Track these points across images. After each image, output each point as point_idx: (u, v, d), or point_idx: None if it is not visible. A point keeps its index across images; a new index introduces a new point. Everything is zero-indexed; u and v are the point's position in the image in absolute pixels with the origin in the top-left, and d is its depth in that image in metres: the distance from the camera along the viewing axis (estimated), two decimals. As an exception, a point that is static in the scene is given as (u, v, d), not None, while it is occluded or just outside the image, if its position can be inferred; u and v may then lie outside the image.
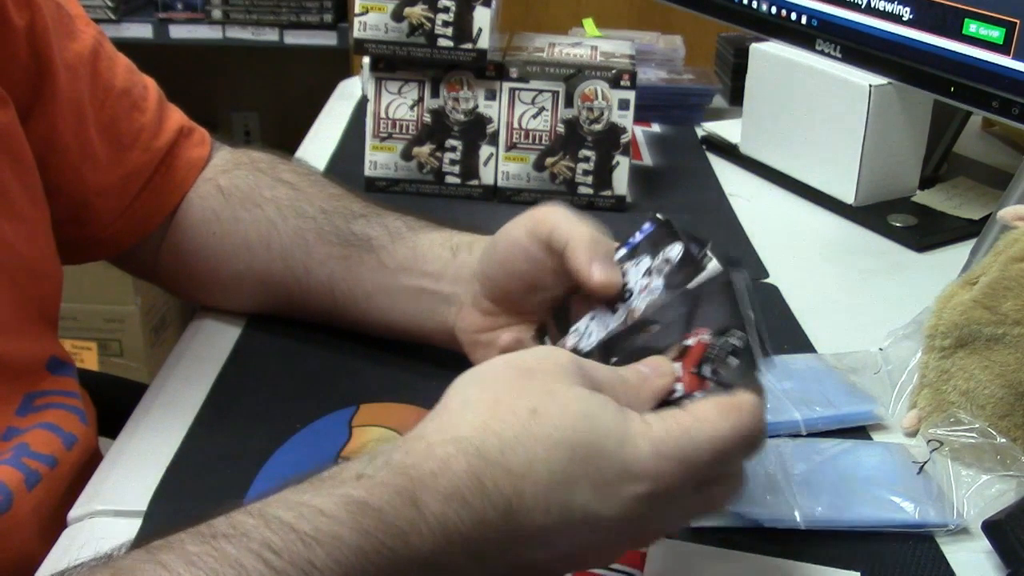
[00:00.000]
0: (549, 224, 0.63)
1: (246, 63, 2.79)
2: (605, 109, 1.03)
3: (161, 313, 2.33)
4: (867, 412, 0.73)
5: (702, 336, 0.53)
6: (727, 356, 0.52)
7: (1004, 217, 0.80)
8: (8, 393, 0.69)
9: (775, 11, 1.16)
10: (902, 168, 1.11)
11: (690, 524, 0.60)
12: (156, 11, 2.37)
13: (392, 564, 0.44)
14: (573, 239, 0.61)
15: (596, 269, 0.59)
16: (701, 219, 1.06)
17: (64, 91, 0.71)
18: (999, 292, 0.70)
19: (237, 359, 0.77)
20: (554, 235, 0.62)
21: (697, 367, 0.52)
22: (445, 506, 0.45)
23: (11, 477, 0.65)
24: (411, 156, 1.07)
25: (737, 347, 0.52)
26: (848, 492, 0.64)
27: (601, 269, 0.59)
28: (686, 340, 0.54)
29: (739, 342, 0.52)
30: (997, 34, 0.91)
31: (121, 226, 0.79)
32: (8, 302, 0.67)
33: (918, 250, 1.02)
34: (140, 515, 0.61)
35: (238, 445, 0.67)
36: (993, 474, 0.65)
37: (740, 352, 0.52)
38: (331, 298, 0.77)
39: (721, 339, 0.52)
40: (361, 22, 1.02)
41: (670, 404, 0.52)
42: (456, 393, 0.49)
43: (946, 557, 0.60)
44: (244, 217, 0.79)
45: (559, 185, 1.06)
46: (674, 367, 0.53)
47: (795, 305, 0.88)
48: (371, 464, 0.46)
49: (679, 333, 0.55)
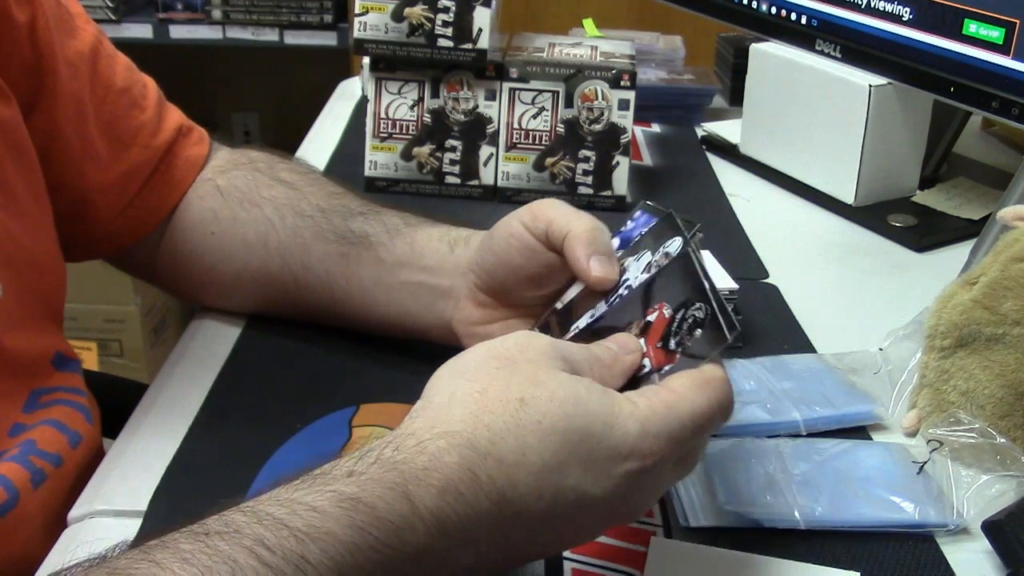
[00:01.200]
0: (547, 217, 0.63)
1: (246, 63, 2.79)
2: (605, 109, 1.03)
3: (161, 313, 2.33)
4: (867, 412, 0.73)
5: (663, 310, 0.54)
6: (692, 328, 0.53)
7: (1004, 217, 0.80)
8: (14, 389, 0.69)
9: (775, 11, 1.16)
10: (902, 168, 1.11)
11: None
12: (156, 11, 2.37)
13: (387, 559, 0.44)
14: (572, 232, 0.61)
15: (594, 263, 0.59)
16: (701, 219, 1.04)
17: (65, 88, 0.72)
18: (999, 292, 0.70)
19: (237, 359, 0.77)
20: (552, 228, 0.62)
21: (663, 341, 0.54)
22: (439, 500, 0.45)
23: (18, 475, 0.65)
24: (411, 156, 1.07)
25: (699, 318, 0.53)
26: (848, 492, 0.64)
27: (599, 262, 0.59)
28: (647, 316, 0.55)
29: (700, 313, 0.53)
30: (997, 34, 0.91)
31: (120, 224, 0.79)
32: (13, 297, 0.67)
33: (918, 250, 1.02)
34: (140, 515, 0.61)
35: (238, 445, 0.67)
36: (993, 474, 0.65)
37: (703, 323, 0.53)
38: (330, 296, 0.77)
39: (683, 311, 0.53)
40: (361, 22, 1.02)
41: (640, 380, 0.53)
42: (440, 386, 0.50)
43: (946, 557, 0.60)
44: (242, 216, 0.79)
45: (559, 185, 1.06)
46: (639, 343, 0.54)
47: (795, 305, 0.88)
48: (361, 461, 0.46)
49: (639, 309, 0.56)
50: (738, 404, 0.71)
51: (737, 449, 0.67)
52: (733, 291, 0.80)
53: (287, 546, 0.42)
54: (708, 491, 0.64)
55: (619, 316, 0.57)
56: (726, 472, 0.65)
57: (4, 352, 0.67)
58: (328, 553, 0.43)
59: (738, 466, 0.66)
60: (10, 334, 0.67)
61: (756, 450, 0.67)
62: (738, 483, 0.64)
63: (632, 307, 0.56)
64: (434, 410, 0.49)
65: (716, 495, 0.63)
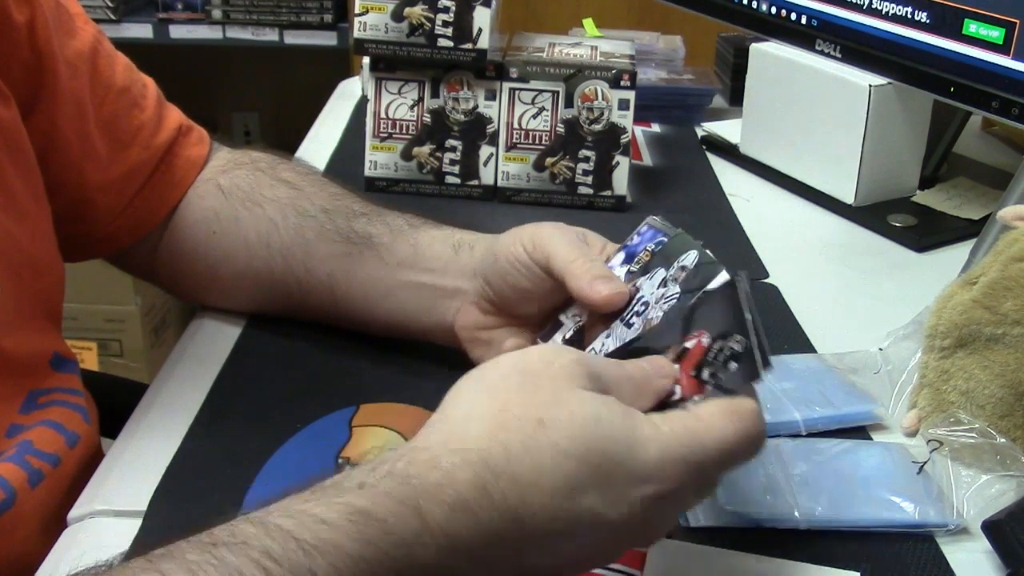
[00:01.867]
0: (545, 252, 0.64)
1: (246, 63, 2.79)
2: (605, 109, 1.03)
3: (161, 313, 2.33)
4: (867, 412, 0.73)
5: (701, 339, 0.53)
6: (727, 360, 0.51)
7: (1004, 217, 0.80)
8: (12, 390, 0.69)
9: (775, 11, 1.16)
10: (902, 168, 1.11)
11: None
12: (156, 11, 2.37)
13: (395, 573, 0.44)
14: (569, 272, 0.62)
15: (599, 285, 0.60)
16: (701, 219, 1.06)
17: (65, 88, 0.72)
18: (999, 292, 0.70)
19: (237, 359, 0.77)
20: (552, 264, 0.63)
21: (696, 370, 0.52)
22: (450, 517, 0.44)
23: (14, 475, 0.65)
24: (411, 156, 1.07)
25: (737, 351, 0.51)
26: (848, 492, 0.64)
27: (604, 284, 0.60)
28: (685, 343, 0.53)
29: (739, 347, 0.51)
30: (997, 34, 0.91)
31: (121, 224, 0.79)
32: (11, 298, 0.67)
33: (918, 250, 1.02)
34: (140, 515, 0.61)
35: (238, 445, 0.67)
36: (993, 474, 0.65)
37: (740, 357, 0.51)
38: (331, 296, 0.77)
39: (721, 343, 0.52)
40: (361, 22, 1.02)
41: (668, 406, 0.51)
42: (460, 399, 0.49)
43: (946, 557, 0.60)
44: (244, 216, 0.79)
45: (559, 185, 1.06)
46: (673, 368, 0.53)
47: (795, 305, 0.88)
48: (373, 473, 0.45)
49: (678, 334, 0.54)
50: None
51: (737, 449, 0.67)
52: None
53: (294, 559, 0.42)
54: (708, 491, 0.64)
55: (658, 339, 0.56)
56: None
57: (2, 353, 0.67)
58: (336, 566, 0.42)
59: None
60: (8, 335, 0.67)
61: (756, 450, 0.67)
62: (738, 483, 0.64)
63: (671, 331, 0.55)
64: (450, 424, 0.48)
65: (716, 495, 0.63)
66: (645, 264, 0.61)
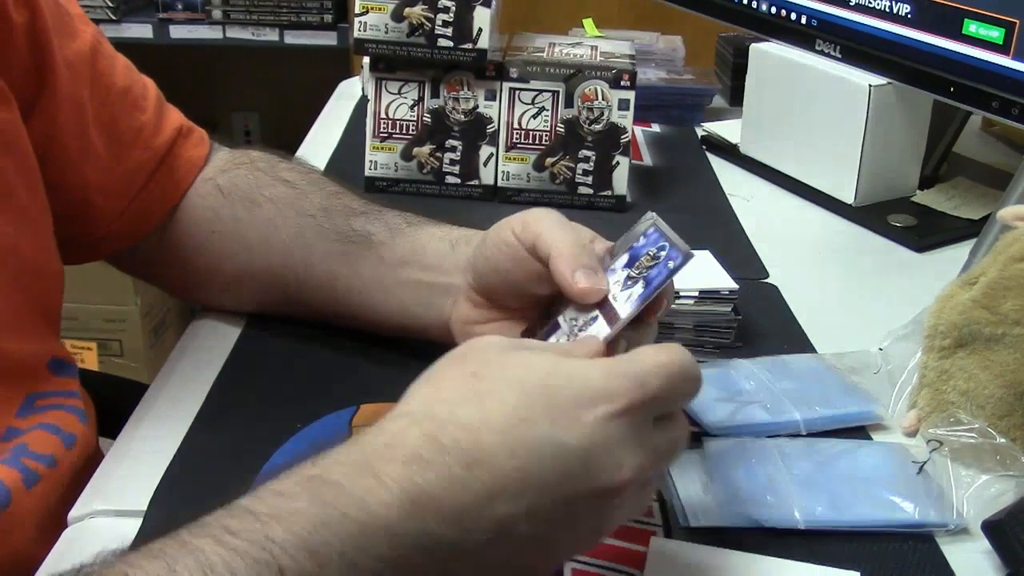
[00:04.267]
0: (534, 232, 0.63)
1: (246, 63, 2.79)
2: (605, 109, 1.03)
3: (161, 313, 2.33)
4: (867, 412, 0.73)
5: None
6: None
7: (1004, 217, 0.80)
8: (9, 393, 0.68)
9: (775, 11, 1.16)
10: (902, 168, 1.11)
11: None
12: (156, 11, 2.37)
13: (357, 535, 0.44)
14: (555, 249, 0.61)
15: (579, 276, 0.59)
16: (701, 219, 1.06)
17: (65, 89, 0.72)
18: (999, 292, 0.70)
19: (237, 359, 0.77)
20: (538, 243, 0.62)
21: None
22: (405, 469, 0.46)
23: (9, 476, 0.65)
24: (411, 156, 1.07)
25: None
26: (848, 492, 0.64)
27: (584, 275, 0.59)
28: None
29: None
30: (997, 34, 0.91)
31: (121, 224, 0.79)
32: (10, 301, 0.67)
33: (918, 250, 1.02)
34: (140, 515, 0.61)
35: (238, 445, 0.67)
36: (993, 474, 0.65)
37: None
38: (331, 295, 0.77)
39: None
40: (361, 22, 1.02)
41: None
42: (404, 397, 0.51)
43: (946, 557, 0.60)
44: (244, 216, 0.79)
45: (559, 185, 1.06)
46: (599, 342, 0.56)
47: (795, 305, 0.88)
48: (323, 455, 0.47)
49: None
50: (738, 404, 0.72)
51: (737, 449, 0.67)
52: (733, 291, 0.80)
53: (251, 528, 0.43)
54: (708, 491, 0.64)
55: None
56: (726, 472, 0.65)
57: (0, 356, 0.67)
58: (293, 530, 0.43)
59: (738, 466, 0.66)
60: (6, 338, 0.67)
61: (756, 450, 0.67)
62: (738, 483, 0.64)
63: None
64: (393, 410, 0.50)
65: (716, 495, 0.63)
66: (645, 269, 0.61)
